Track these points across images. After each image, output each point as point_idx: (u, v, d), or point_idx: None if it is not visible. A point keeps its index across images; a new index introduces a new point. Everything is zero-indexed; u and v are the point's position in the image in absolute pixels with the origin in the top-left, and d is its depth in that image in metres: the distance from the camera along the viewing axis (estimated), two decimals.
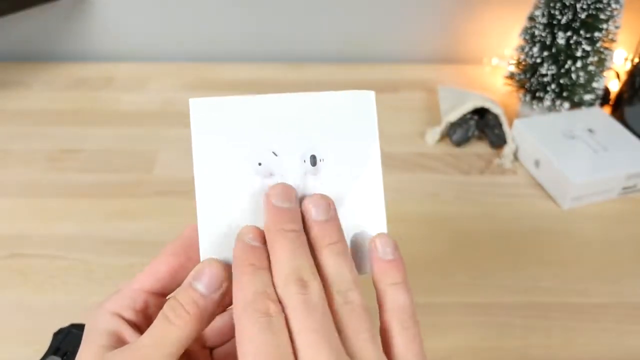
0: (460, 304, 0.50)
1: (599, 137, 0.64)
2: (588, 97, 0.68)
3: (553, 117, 0.67)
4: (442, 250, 0.55)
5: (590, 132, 0.64)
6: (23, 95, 0.77)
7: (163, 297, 0.27)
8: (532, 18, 0.68)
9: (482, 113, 0.70)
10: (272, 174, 0.26)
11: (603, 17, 0.63)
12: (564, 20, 0.64)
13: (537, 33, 0.67)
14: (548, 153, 0.61)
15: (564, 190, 0.60)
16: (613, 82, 0.75)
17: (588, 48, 0.64)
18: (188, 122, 0.26)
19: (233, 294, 0.23)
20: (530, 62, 0.68)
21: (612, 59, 0.68)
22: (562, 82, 0.67)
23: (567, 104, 0.68)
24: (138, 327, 0.26)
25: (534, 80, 0.69)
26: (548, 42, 0.66)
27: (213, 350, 0.30)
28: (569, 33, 0.64)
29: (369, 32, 0.85)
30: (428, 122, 0.73)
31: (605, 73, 0.68)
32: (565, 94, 0.67)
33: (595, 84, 0.67)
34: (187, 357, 0.26)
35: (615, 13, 0.63)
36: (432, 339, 0.24)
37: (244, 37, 0.85)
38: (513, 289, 0.52)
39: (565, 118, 0.67)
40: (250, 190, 0.26)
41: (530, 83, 0.69)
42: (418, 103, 0.77)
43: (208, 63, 0.85)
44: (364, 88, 0.28)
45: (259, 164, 0.26)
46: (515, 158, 0.67)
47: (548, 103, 0.68)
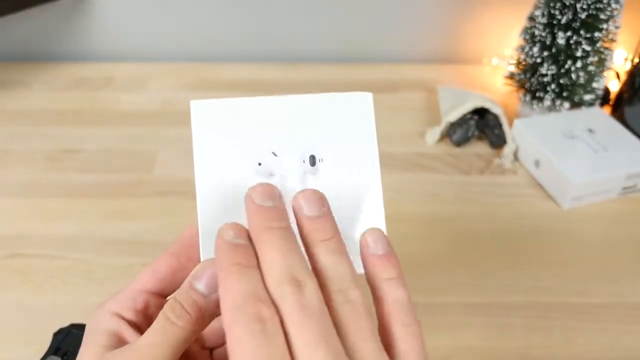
0: (460, 304, 0.50)
1: (599, 137, 0.64)
2: (588, 97, 0.68)
3: (553, 117, 0.67)
4: (442, 250, 0.55)
5: (590, 132, 0.64)
6: (23, 95, 0.77)
7: (163, 297, 0.27)
8: (532, 18, 0.68)
9: (482, 113, 0.70)
10: (271, 174, 0.26)
11: (603, 17, 0.63)
12: (564, 20, 0.64)
13: (537, 33, 0.67)
14: (548, 153, 0.62)
15: (564, 190, 0.60)
16: (613, 82, 0.75)
17: (588, 48, 0.64)
18: (188, 122, 0.26)
19: (220, 297, 0.21)
20: (530, 62, 0.68)
21: (612, 59, 0.68)
22: (562, 82, 0.67)
23: (567, 104, 0.68)
24: (138, 327, 0.26)
25: (534, 80, 0.69)
26: (548, 42, 0.66)
27: (213, 351, 0.30)
28: (569, 33, 0.64)
29: (369, 32, 0.85)
30: (428, 122, 0.73)
31: (605, 73, 0.68)
32: (565, 94, 0.67)
33: (595, 84, 0.67)
34: (187, 357, 0.26)
35: (615, 13, 0.63)
36: (432, 339, 0.23)
37: (244, 37, 0.85)
38: (513, 289, 0.52)
39: (565, 118, 0.67)
40: None
41: (530, 83, 0.69)
42: (418, 103, 0.77)
43: (208, 63, 0.85)
44: (364, 88, 0.28)
45: (259, 164, 0.26)
46: (515, 158, 0.67)
47: (548, 103, 0.68)
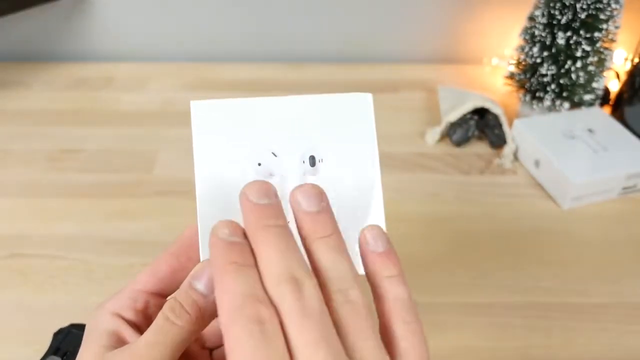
0: (461, 304, 0.50)
1: (599, 137, 0.64)
2: (588, 97, 0.68)
3: (553, 117, 0.67)
4: (442, 250, 0.55)
5: (590, 132, 0.64)
6: (23, 95, 0.77)
7: (163, 297, 0.27)
8: (532, 18, 0.68)
9: (482, 113, 0.70)
10: (271, 174, 0.26)
11: (603, 17, 0.63)
12: (564, 20, 0.64)
13: (537, 33, 0.67)
14: (548, 153, 0.61)
15: (564, 190, 0.60)
16: (613, 82, 0.75)
17: (588, 48, 0.64)
18: (188, 122, 0.26)
19: (217, 298, 0.21)
20: (530, 62, 0.68)
21: (612, 59, 0.68)
22: (562, 82, 0.67)
23: (567, 104, 0.68)
24: (138, 327, 0.26)
25: (534, 80, 0.69)
26: (548, 42, 0.66)
27: (213, 351, 0.30)
28: (569, 33, 0.64)
29: (369, 32, 0.85)
30: (428, 122, 0.73)
31: (605, 73, 0.68)
32: (565, 94, 0.67)
33: (595, 84, 0.67)
34: (186, 357, 0.26)
35: (615, 13, 0.63)
36: (432, 339, 0.23)
37: (244, 37, 0.85)
38: (513, 289, 0.52)
39: (565, 118, 0.67)
40: None
41: (530, 83, 0.69)
42: (418, 103, 0.77)
43: (208, 63, 0.85)
44: (364, 88, 0.28)
45: (259, 165, 0.26)
46: (515, 158, 0.67)
47: (548, 103, 0.68)
